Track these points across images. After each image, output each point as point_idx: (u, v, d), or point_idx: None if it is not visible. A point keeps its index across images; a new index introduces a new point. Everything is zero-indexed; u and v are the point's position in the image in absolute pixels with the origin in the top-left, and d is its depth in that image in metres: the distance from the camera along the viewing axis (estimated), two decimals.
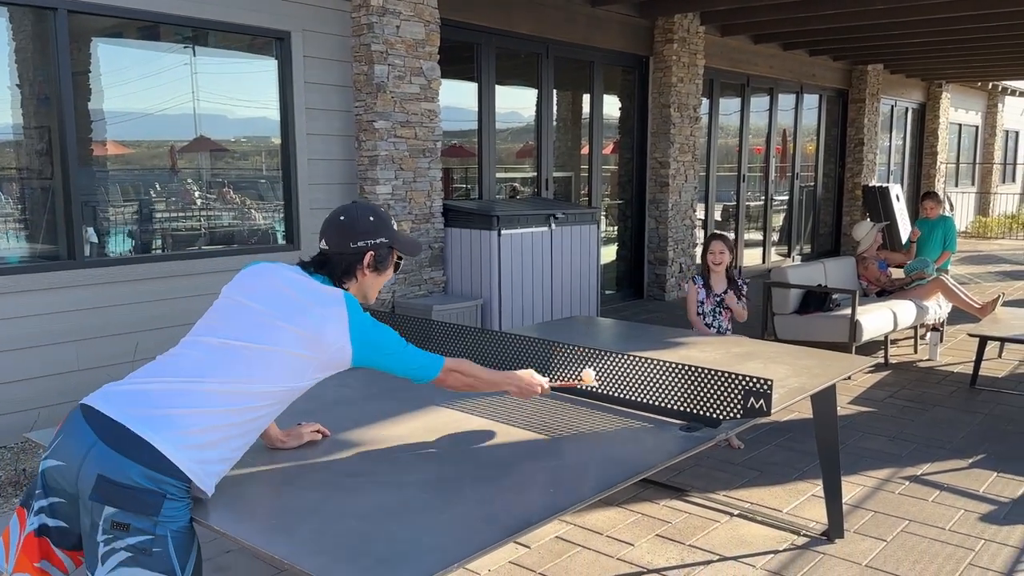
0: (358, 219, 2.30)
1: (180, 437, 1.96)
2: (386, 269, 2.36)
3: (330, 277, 2.28)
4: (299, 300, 2.15)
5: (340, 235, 2.29)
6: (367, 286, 2.35)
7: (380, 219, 2.33)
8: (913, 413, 5.68)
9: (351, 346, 2.13)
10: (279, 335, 2.09)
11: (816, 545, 3.69)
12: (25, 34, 5.12)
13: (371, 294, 2.38)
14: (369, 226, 2.30)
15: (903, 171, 17.52)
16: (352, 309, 2.16)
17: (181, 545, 1.96)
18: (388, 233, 2.33)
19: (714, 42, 10.85)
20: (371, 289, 2.37)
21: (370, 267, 2.31)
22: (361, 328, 2.15)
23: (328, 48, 6.35)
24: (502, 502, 2.09)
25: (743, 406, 2.64)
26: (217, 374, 2.04)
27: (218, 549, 3.63)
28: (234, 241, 6.22)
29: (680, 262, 10.45)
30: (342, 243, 2.29)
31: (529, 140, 9.08)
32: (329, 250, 2.30)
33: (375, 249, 2.30)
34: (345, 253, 2.28)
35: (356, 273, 2.30)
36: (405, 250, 2.40)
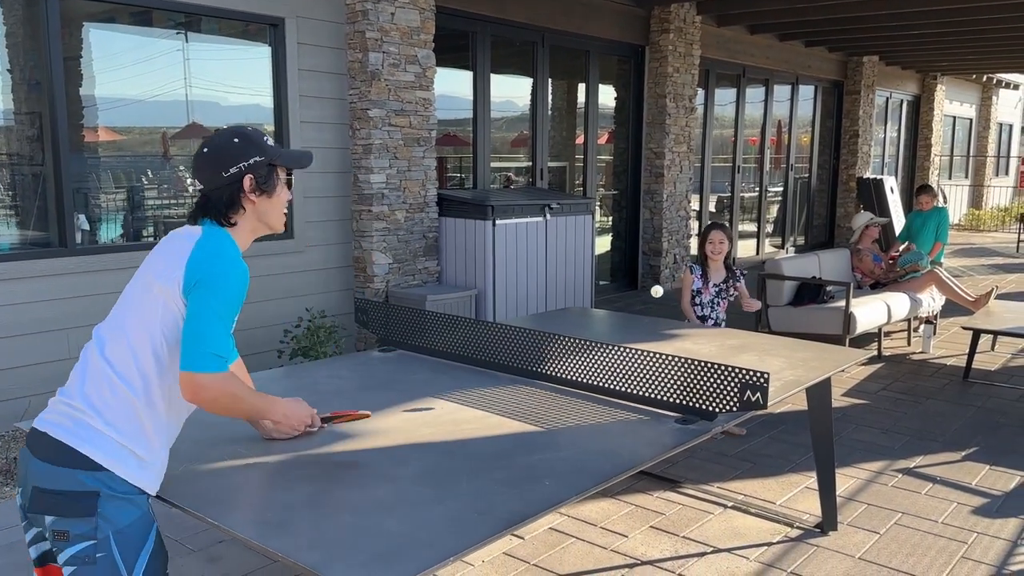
0: (223, 145, 2.09)
1: (97, 434, 1.92)
2: (275, 189, 2.14)
3: (215, 218, 2.09)
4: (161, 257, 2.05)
5: (209, 168, 2.09)
6: (262, 213, 2.14)
7: (247, 138, 2.11)
8: (906, 406, 5.69)
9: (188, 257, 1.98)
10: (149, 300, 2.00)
11: (810, 537, 3.70)
12: (16, 18, 5.06)
13: (273, 221, 2.18)
14: (236, 149, 2.09)
15: (897, 163, 17.54)
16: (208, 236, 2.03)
17: (128, 544, 1.89)
18: (261, 150, 2.11)
19: (710, 32, 10.81)
20: (269, 215, 2.16)
21: (254, 191, 2.10)
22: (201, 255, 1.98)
23: (322, 35, 6.30)
24: (497, 495, 2.08)
25: (739, 399, 2.63)
26: (113, 361, 1.97)
27: (210, 539, 3.61)
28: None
29: (675, 253, 10.44)
30: (214, 176, 2.08)
31: (524, 129, 9.04)
32: (205, 188, 2.10)
33: (252, 171, 2.09)
34: (221, 186, 2.08)
35: (242, 203, 2.10)
36: (290, 163, 2.19)
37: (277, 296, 6.23)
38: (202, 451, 2.39)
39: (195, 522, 3.75)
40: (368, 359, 3.51)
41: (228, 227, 2.10)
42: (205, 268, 1.96)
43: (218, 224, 2.09)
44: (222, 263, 1.98)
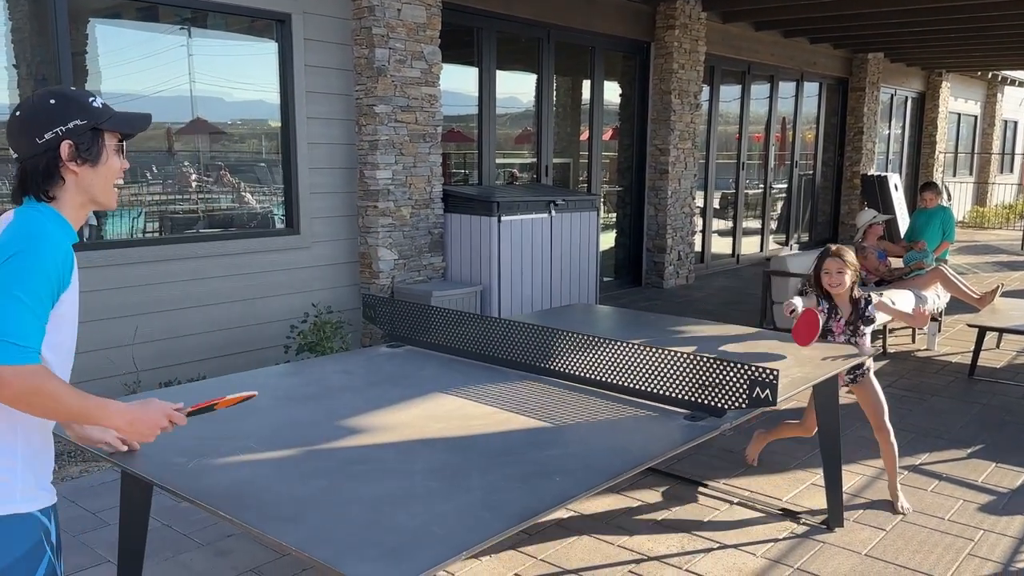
0: (38, 108, 1.80)
1: None
2: (100, 156, 1.85)
3: (33, 193, 1.81)
4: None
5: (23, 135, 1.80)
6: (87, 184, 1.84)
7: (66, 99, 1.82)
8: (911, 403, 5.69)
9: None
10: None
11: (816, 534, 3.70)
12: (22, 14, 5.06)
13: (99, 193, 1.87)
14: (53, 111, 1.80)
15: (902, 160, 17.51)
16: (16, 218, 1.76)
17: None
18: (85, 113, 1.82)
19: (715, 29, 10.79)
20: (95, 187, 1.86)
21: (74, 159, 1.81)
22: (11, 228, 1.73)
23: (329, 31, 6.30)
24: (508, 490, 2.08)
25: (748, 396, 2.64)
26: None
27: (219, 533, 3.62)
28: (233, 224, 6.19)
29: (679, 250, 10.44)
30: (29, 143, 1.79)
31: (529, 126, 9.04)
32: (20, 157, 1.82)
33: (71, 135, 1.80)
34: (37, 154, 1.79)
35: (61, 173, 1.81)
36: (121, 127, 1.89)
37: (283, 292, 6.23)
38: (212, 446, 2.40)
39: (202, 516, 3.76)
40: (376, 355, 3.52)
41: (48, 202, 1.82)
42: (6, 249, 1.68)
43: (36, 199, 1.81)
44: (20, 240, 1.69)
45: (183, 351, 5.68)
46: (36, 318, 1.67)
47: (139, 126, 1.95)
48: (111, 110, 1.89)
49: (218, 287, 5.86)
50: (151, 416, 1.90)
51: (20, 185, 1.82)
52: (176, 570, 3.33)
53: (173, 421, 1.94)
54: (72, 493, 4.08)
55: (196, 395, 2.76)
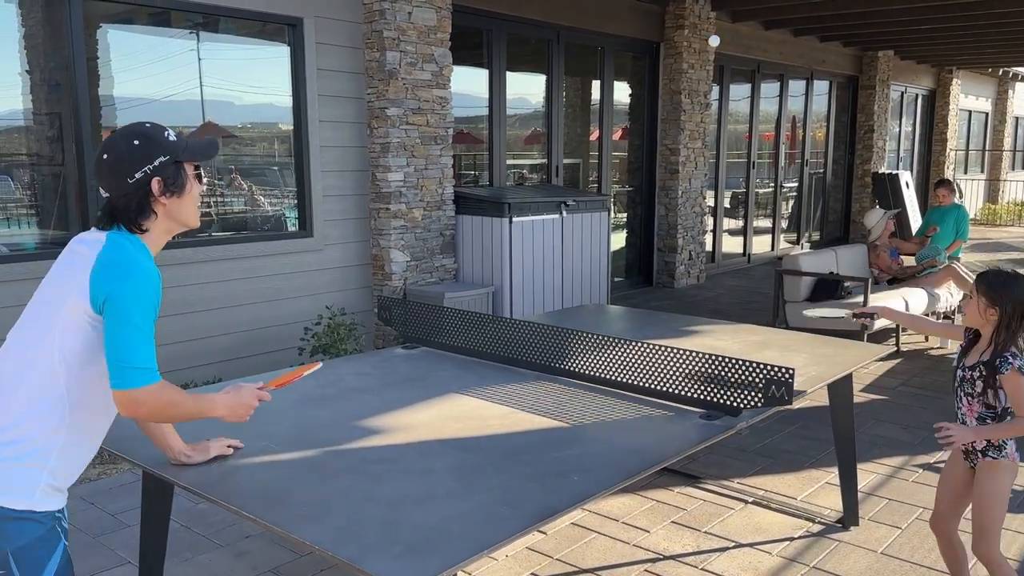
0: (124, 151, 1.96)
1: None
2: (185, 187, 2.03)
3: (126, 224, 1.98)
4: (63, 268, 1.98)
5: (114, 176, 1.96)
6: (175, 213, 2.03)
7: (147, 139, 1.99)
8: (925, 401, 5.68)
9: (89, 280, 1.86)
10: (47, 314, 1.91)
11: (831, 532, 3.71)
12: (35, 20, 5.11)
13: (187, 218, 2.07)
14: (139, 152, 1.96)
15: (913, 158, 17.44)
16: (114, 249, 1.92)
17: (27, 561, 1.82)
18: (166, 149, 1.99)
19: (725, 28, 10.79)
20: (183, 214, 2.05)
21: (164, 194, 1.98)
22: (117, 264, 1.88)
23: (340, 34, 6.33)
24: (525, 490, 2.10)
25: (764, 395, 2.64)
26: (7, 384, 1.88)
27: (238, 534, 3.65)
28: (246, 228, 6.23)
29: (690, 249, 10.43)
30: (120, 183, 1.96)
31: (539, 127, 9.05)
32: (111, 196, 1.99)
33: (158, 173, 1.97)
34: (129, 193, 1.96)
35: (153, 207, 1.99)
36: (197, 157, 2.07)
37: (296, 294, 6.27)
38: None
39: (221, 518, 3.79)
40: (391, 356, 3.54)
41: (140, 234, 1.99)
42: (114, 283, 1.85)
43: (128, 231, 1.98)
44: (130, 275, 1.87)
45: (199, 353, 5.72)
46: (150, 342, 1.88)
47: (212, 153, 2.13)
48: (184, 140, 2.04)
49: (232, 290, 5.89)
50: (244, 399, 2.14)
51: (110, 217, 1.98)
52: (196, 571, 3.36)
53: (261, 399, 2.18)
54: (92, 495, 4.12)
55: None
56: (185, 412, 1.98)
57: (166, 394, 1.89)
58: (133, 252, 1.92)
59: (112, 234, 1.95)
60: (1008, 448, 2.85)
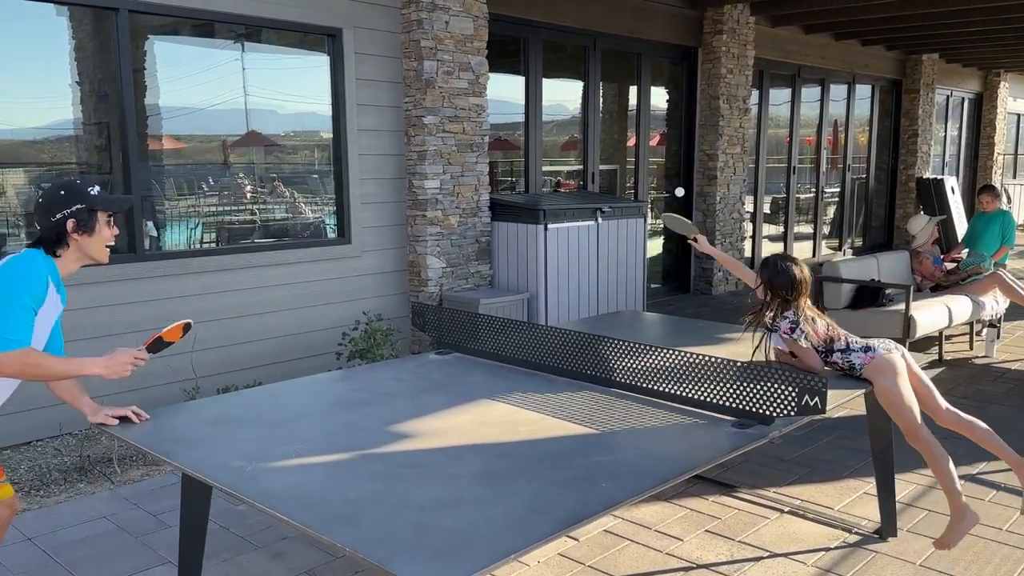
0: (52, 197, 2.63)
1: None
2: (95, 229, 2.66)
3: (47, 250, 2.63)
4: None
5: (41, 214, 2.63)
6: (86, 247, 2.66)
7: (71, 191, 2.64)
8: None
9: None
10: None
11: (868, 543, 3.66)
12: (85, 33, 5.26)
13: (95, 252, 2.68)
14: (61, 199, 2.62)
15: (959, 163, 17.10)
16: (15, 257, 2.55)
17: None
18: (82, 199, 2.63)
19: (764, 32, 10.70)
20: (91, 250, 2.67)
21: (76, 232, 2.63)
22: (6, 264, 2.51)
23: (379, 44, 6.42)
24: (555, 495, 2.12)
25: (797, 403, 2.63)
26: None
27: (275, 536, 3.72)
28: (286, 235, 6.34)
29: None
30: (44, 220, 2.62)
31: (575, 133, 9.07)
32: (40, 229, 2.64)
33: (75, 216, 2.62)
34: (49, 228, 2.62)
35: (67, 240, 2.64)
36: (109, 208, 2.70)
37: (335, 300, 6.36)
38: (268, 450, 2.48)
39: (258, 519, 3.86)
40: (425, 361, 3.58)
41: (54, 257, 2.64)
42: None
43: (45, 253, 2.62)
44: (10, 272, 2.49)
45: (239, 358, 5.83)
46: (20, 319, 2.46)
47: (122, 207, 2.79)
48: (102, 195, 2.69)
49: (272, 296, 6.00)
50: (120, 357, 2.63)
51: (37, 241, 2.64)
52: (233, 571, 3.43)
53: (139, 358, 2.65)
54: (134, 496, 4.22)
55: (252, 402, 2.87)
56: (53, 373, 2.56)
57: (28, 357, 2.47)
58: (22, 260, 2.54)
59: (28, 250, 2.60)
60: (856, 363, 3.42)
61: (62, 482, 4.37)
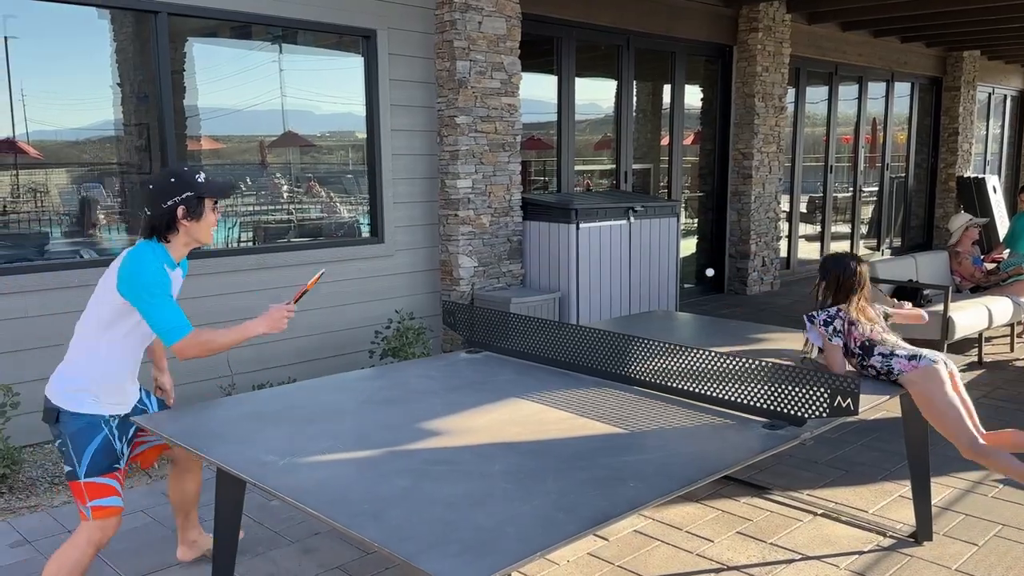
0: (162, 185, 2.82)
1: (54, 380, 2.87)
2: (202, 215, 2.86)
3: (158, 236, 2.83)
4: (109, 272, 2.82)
5: (151, 201, 2.81)
6: (194, 232, 2.86)
7: (180, 178, 2.83)
8: (1008, 414, 5.47)
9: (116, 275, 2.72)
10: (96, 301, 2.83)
11: (903, 547, 3.61)
12: (126, 35, 5.37)
13: (202, 236, 2.89)
14: (171, 187, 2.80)
15: (1000, 161, 16.76)
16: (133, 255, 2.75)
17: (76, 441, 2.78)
18: (191, 187, 2.82)
19: (801, 30, 10.58)
20: (199, 233, 2.88)
21: (185, 218, 2.82)
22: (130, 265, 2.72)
23: (412, 45, 6.46)
24: (583, 494, 2.12)
25: (829, 405, 2.60)
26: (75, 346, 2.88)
27: (306, 531, 3.76)
28: (321, 234, 6.40)
29: (763, 256, 10.26)
30: (155, 207, 2.81)
31: (608, 132, 9.05)
32: (149, 216, 2.82)
33: (184, 203, 2.80)
34: (160, 214, 2.80)
35: (177, 226, 2.83)
36: (215, 194, 2.90)
37: (368, 299, 6.41)
38: (300, 446, 2.52)
39: (291, 515, 3.91)
40: (456, 360, 3.60)
41: (165, 243, 2.83)
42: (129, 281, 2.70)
43: (157, 240, 2.82)
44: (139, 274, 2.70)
45: (275, 355, 5.90)
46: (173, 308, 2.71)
47: (227, 193, 3.02)
48: (209, 182, 2.86)
49: (307, 294, 6.06)
50: (275, 314, 2.95)
51: (149, 232, 2.82)
52: (266, 566, 3.48)
53: (290, 311, 2.97)
54: None
55: (285, 398, 2.91)
56: (227, 343, 2.81)
57: (201, 337, 2.74)
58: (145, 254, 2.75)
59: (140, 242, 2.80)
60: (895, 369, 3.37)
61: None
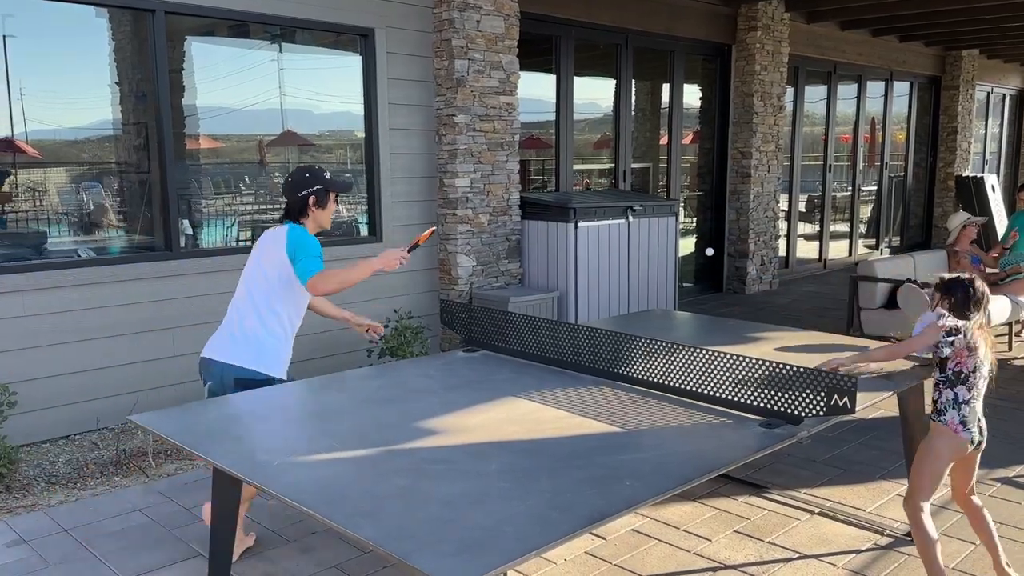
0: (299, 178, 3.51)
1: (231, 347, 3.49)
2: (327, 204, 3.54)
3: (292, 219, 3.51)
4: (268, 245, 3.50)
5: (290, 191, 3.51)
6: (318, 218, 3.54)
7: (312, 174, 3.52)
8: (1006, 412, 5.47)
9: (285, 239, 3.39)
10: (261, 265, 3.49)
11: (900, 546, 3.61)
12: (123, 34, 5.36)
13: (324, 222, 3.56)
14: (305, 181, 3.49)
15: (999, 160, 16.77)
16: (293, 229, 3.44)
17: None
18: (321, 182, 3.50)
19: (799, 29, 10.58)
20: (323, 219, 3.55)
21: (314, 206, 3.50)
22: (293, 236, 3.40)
23: (410, 44, 6.46)
24: (579, 493, 2.12)
25: (826, 403, 2.60)
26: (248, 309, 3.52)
27: (304, 530, 3.76)
28: (319, 233, 6.38)
29: (762, 255, 10.26)
30: (292, 195, 3.50)
31: (607, 131, 9.04)
32: (287, 202, 3.52)
33: (314, 194, 3.48)
34: (295, 201, 3.49)
35: (308, 211, 3.50)
36: (338, 189, 3.59)
37: (366, 297, 6.40)
38: (297, 445, 2.51)
39: (289, 514, 3.91)
40: (453, 359, 3.60)
41: (300, 223, 3.50)
42: (295, 244, 3.38)
43: (293, 223, 3.49)
44: (302, 238, 3.39)
45: None
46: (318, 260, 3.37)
47: (347, 189, 3.84)
48: (333, 179, 3.57)
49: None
50: (390, 255, 3.44)
51: (287, 215, 3.53)
52: (263, 564, 3.48)
53: (404, 257, 3.48)
54: (168, 489, 4.30)
55: (283, 397, 2.91)
56: (352, 278, 3.36)
57: (330, 274, 3.31)
58: (301, 229, 3.46)
59: (289, 224, 3.48)
60: (946, 415, 3.17)
61: (98, 475, 4.46)
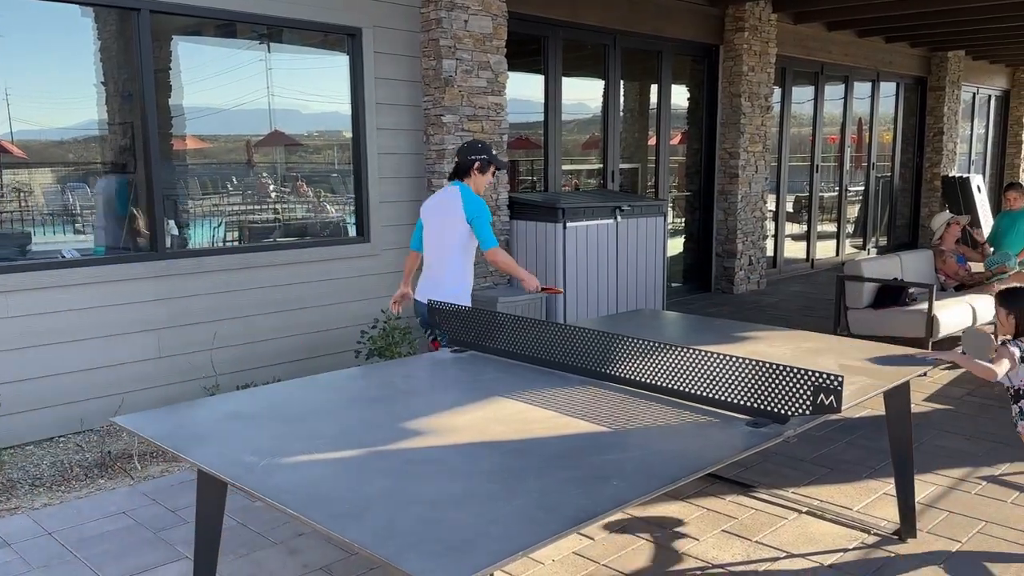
0: (472, 146, 4.43)
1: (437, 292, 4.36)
2: (486, 172, 4.42)
3: (458, 178, 4.40)
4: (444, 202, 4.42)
5: (462, 154, 4.40)
6: (476, 182, 4.40)
7: (483, 146, 4.43)
8: (992, 411, 5.50)
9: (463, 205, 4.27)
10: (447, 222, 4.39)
11: (887, 544, 3.62)
12: (109, 33, 5.33)
13: (479, 187, 4.42)
14: (476, 149, 4.40)
15: (985, 161, 16.88)
16: (463, 191, 4.33)
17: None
18: (486, 154, 4.41)
19: (787, 30, 10.62)
20: (479, 184, 4.41)
21: (477, 171, 4.40)
22: (468, 200, 4.29)
23: (398, 44, 6.44)
24: (566, 493, 2.12)
25: (812, 402, 2.61)
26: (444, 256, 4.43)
27: (291, 532, 3.75)
28: (307, 233, 6.38)
29: (750, 255, 10.29)
30: (463, 158, 4.40)
31: (595, 132, 9.05)
32: (457, 162, 4.42)
33: (479, 160, 4.38)
34: (464, 163, 4.40)
35: (471, 173, 4.39)
36: (497, 164, 4.49)
37: (354, 298, 6.39)
38: (283, 446, 2.50)
39: (275, 515, 3.89)
40: (441, 359, 3.59)
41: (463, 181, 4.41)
42: (472, 208, 4.27)
43: (459, 181, 4.40)
44: (477, 204, 4.30)
45: (259, 355, 5.87)
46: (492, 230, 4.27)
47: (503, 166, 4.69)
48: (497, 157, 4.51)
49: (292, 294, 6.04)
50: (533, 281, 4.43)
51: (455, 173, 4.44)
52: (249, 567, 3.46)
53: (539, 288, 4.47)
54: (153, 492, 4.27)
55: (269, 398, 2.89)
56: (511, 269, 4.38)
57: (502, 253, 4.33)
58: (471, 191, 4.35)
59: (459, 184, 4.39)
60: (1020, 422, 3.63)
61: (83, 478, 4.43)
